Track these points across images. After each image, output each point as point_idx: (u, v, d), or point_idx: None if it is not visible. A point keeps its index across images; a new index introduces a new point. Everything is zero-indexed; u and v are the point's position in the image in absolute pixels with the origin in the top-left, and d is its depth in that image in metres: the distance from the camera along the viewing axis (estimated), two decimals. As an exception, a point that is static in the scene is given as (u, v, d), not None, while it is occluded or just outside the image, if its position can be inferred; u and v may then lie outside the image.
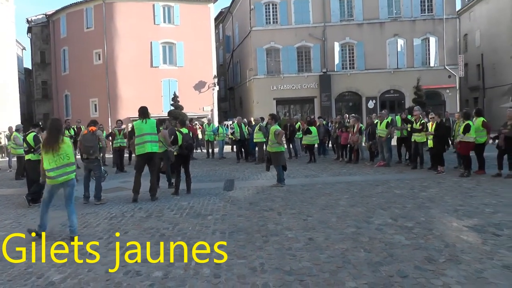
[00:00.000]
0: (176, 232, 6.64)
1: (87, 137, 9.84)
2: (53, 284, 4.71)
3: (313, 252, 5.34)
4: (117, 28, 31.63)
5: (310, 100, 33.76)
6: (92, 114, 31.39)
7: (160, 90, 31.76)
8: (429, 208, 7.63)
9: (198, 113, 31.14)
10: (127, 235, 6.66)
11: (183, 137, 10.20)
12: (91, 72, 32.43)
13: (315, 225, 6.71)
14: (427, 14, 33.17)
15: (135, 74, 31.38)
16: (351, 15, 33.49)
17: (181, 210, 8.36)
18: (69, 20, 34.43)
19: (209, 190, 10.69)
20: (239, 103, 40.55)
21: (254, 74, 33.48)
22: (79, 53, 33.29)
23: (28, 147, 9.96)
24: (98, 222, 7.66)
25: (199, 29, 32.63)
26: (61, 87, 35.65)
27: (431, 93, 31.78)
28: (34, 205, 9.66)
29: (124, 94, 31.39)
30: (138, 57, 31.58)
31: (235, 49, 41.35)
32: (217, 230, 6.69)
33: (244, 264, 5.03)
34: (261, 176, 12.96)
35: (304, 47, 33.58)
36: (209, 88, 32.79)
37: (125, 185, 12.34)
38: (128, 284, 4.61)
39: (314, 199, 8.96)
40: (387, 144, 14.14)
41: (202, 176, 13.63)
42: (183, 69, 32.30)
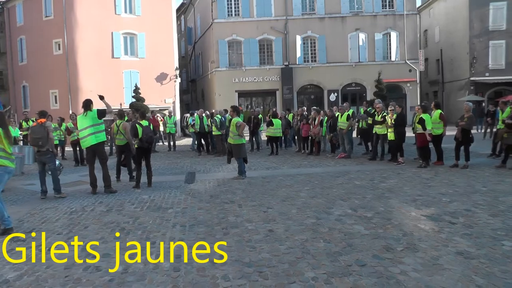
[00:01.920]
0: (136, 226, 6.55)
1: (35, 129, 9.47)
2: (8, 282, 4.55)
3: (273, 244, 5.34)
4: (77, 17, 30.59)
5: (272, 92, 33.84)
6: (53, 106, 30.43)
7: (121, 82, 31.03)
8: (388, 199, 7.78)
9: (160, 105, 30.67)
10: (87, 229, 6.50)
11: (143, 129, 10.02)
12: (51, 63, 31.28)
13: (275, 216, 6.72)
14: (388, 10, 33.70)
15: (96, 65, 30.48)
16: (313, 9, 33.66)
17: (142, 204, 8.25)
18: (26, 8, 33.06)
19: (170, 183, 10.60)
20: (201, 95, 40.23)
21: (216, 66, 33.25)
22: (38, 42, 32.01)
23: None
24: (58, 217, 7.44)
25: (161, 20, 31.99)
26: (18, 77, 34.29)
27: (392, 86, 32.44)
28: None
29: (85, 86, 30.42)
30: (99, 48, 30.69)
31: (197, 41, 40.94)
32: (177, 223, 6.62)
33: (203, 256, 4.98)
34: (222, 169, 12.90)
35: (266, 40, 33.57)
36: (171, 80, 32.34)
37: (85, 178, 11.96)
38: (87, 280, 4.50)
39: (274, 191, 8.98)
40: (348, 136, 14.33)
41: (164, 169, 13.49)
42: (144, 60, 31.66)
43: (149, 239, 5.82)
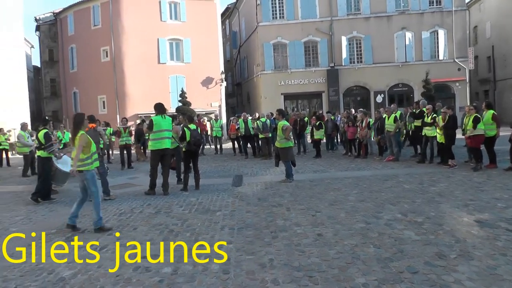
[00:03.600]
0: (185, 228, 6.66)
1: (89, 133, 9.74)
2: (64, 280, 4.75)
3: (322, 248, 5.31)
4: (124, 25, 31.63)
5: (318, 95, 33.59)
6: (101, 111, 31.49)
7: (167, 87, 31.76)
8: (439, 203, 7.56)
9: (206, 109, 31.12)
10: (136, 231, 6.68)
11: (191, 133, 10.18)
12: (99, 69, 32.51)
13: (324, 220, 6.68)
14: (435, 7, 32.72)
15: (142, 71, 31.37)
16: (358, 9, 33.16)
17: (190, 206, 8.37)
18: (77, 18, 34.49)
19: (217, 186, 10.70)
20: (246, 98, 40.48)
21: (261, 69, 33.38)
22: (87, 50, 33.36)
23: (39, 143, 10.00)
24: (108, 218, 7.69)
25: (206, 25, 32.52)
26: (70, 84, 35.79)
27: (440, 86, 31.48)
28: (44, 202, 9.79)
29: (131, 91, 31.43)
30: (145, 54, 31.57)
31: (242, 45, 41.25)
32: (225, 226, 6.68)
33: (253, 260, 5.02)
34: (270, 172, 12.94)
35: (311, 42, 33.37)
36: (217, 84, 32.77)
37: (134, 181, 12.39)
38: (137, 280, 4.63)
39: (322, 194, 8.92)
40: (395, 138, 14.03)
41: (211, 172, 13.66)
42: (190, 65, 32.27)
43: (198, 241, 5.90)
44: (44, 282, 4.72)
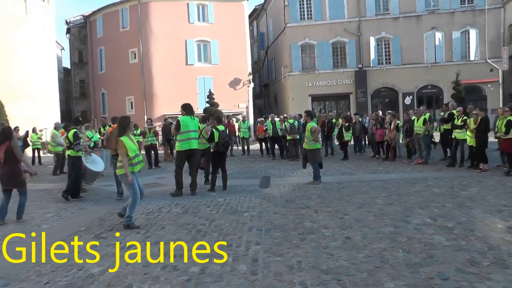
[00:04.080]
0: (212, 228, 6.70)
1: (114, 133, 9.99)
2: (93, 276, 4.87)
3: (350, 251, 5.28)
4: (152, 28, 32.08)
5: (346, 96, 33.34)
6: (128, 112, 31.99)
7: (195, 88, 32.04)
8: (470, 208, 7.40)
9: (234, 110, 31.28)
10: (164, 230, 6.78)
11: (219, 134, 10.24)
12: (127, 71, 33.05)
13: (352, 223, 6.64)
14: (467, 5, 31.94)
15: (170, 72, 31.76)
16: (386, 9, 32.74)
17: (217, 207, 8.42)
18: (106, 21, 35.18)
19: (245, 187, 10.73)
20: (274, 100, 40.48)
21: (289, 70, 33.33)
22: (115, 52, 33.96)
23: (69, 143, 10.23)
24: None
25: (234, 27, 32.71)
26: (98, 85, 36.51)
27: (471, 88, 30.76)
28: (74, 200, 10.03)
29: (159, 92, 31.85)
30: (173, 56, 31.94)
31: (270, 46, 41.27)
32: (253, 227, 6.70)
33: (281, 262, 5.02)
34: (297, 173, 12.91)
35: (339, 43, 33.13)
36: (244, 85, 32.90)
37: (161, 181, 12.51)
38: (165, 279, 4.69)
39: (350, 197, 8.86)
40: (424, 141, 13.80)
41: (238, 173, 13.71)
42: (218, 66, 32.49)
43: (226, 240, 5.96)
44: (74, 278, 4.85)
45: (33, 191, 11.34)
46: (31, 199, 10.11)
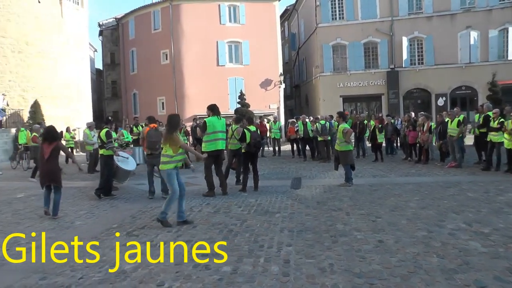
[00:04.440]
0: (244, 229, 6.72)
1: (151, 133, 10.10)
2: (125, 273, 4.96)
3: (383, 255, 5.22)
4: (183, 29, 32.46)
5: (377, 97, 32.92)
6: (160, 112, 32.45)
7: (226, 88, 32.26)
8: (508, 214, 7.17)
9: (264, 110, 31.32)
10: (196, 229, 6.83)
11: (251, 134, 10.28)
12: (159, 72, 33.54)
13: (385, 227, 6.56)
14: (506, 2, 30.73)
15: (201, 73, 32.06)
16: (420, 8, 32.11)
17: (248, 207, 8.45)
18: (137, 23, 35.80)
19: (276, 188, 10.72)
20: (305, 100, 40.34)
21: (320, 71, 33.16)
22: (147, 53, 34.52)
23: (101, 142, 10.42)
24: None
25: (265, 28, 32.77)
26: (130, 86, 37.17)
27: (508, 88, 29.49)
28: (106, 197, 10.23)
29: (190, 93, 32.20)
30: (204, 56, 32.24)
31: (301, 47, 41.16)
32: (285, 228, 6.70)
33: (313, 264, 5.00)
34: (328, 175, 12.86)
35: (371, 43, 32.77)
36: (275, 86, 32.91)
37: (191, 180, 12.51)
38: (197, 277, 4.72)
39: (382, 199, 8.76)
40: (458, 143, 13.50)
41: (269, 174, 13.73)
42: (249, 67, 32.61)
43: (257, 242, 5.96)
44: (107, 274, 4.95)
45: (67, 189, 11.58)
46: (65, 196, 10.33)
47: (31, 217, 8.41)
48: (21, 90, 26.47)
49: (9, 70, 26.14)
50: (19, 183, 13.98)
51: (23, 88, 26.52)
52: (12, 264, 5.54)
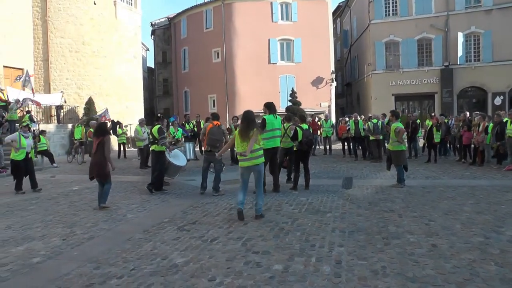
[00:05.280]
0: (295, 227, 6.72)
1: (214, 130, 10.14)
2: (177, 266, 5.08)
3: (437, 260, 5.09)
4: (235, 27, 32.70)
5: (430, 96, 31.85)
6: (210, 109, 32.80)
7: (277, 86, 32.24)
8: None
9: (316, 109, 31.03)
10: (247, 226, 6.90)
11: (303, 132, 10.24)
12: (210, 70, 33.98)
13: (438, 230, 6.40)
14: None
15: (253, 71, 32.21)
16: (478, 1, 30.47)
17: (300, 206, 8.43)
18: (189, 22, 36.39)
19: (327, 187, 10.66)
20: (356, 99, 39.70)
21: (373, 69, 32.52)
22: (199, 52, 35.03)
23: (153, 138, 10.67)
24: (218, 212, 8.04)
25: (317, 25, 32.40)
26: (181, 84, 37.85)
27: None
28: (157, 192, 10.48)
29: (242, 90, 32.43)
30: (256, 54, 32.35)
31: (353, 44, 40.51)
32: (336, 228, 6.66)
33: (365, 266, 4.96)
34: (380, 175, 12.64)
35: (425, 39, 31.69)
36: (327, 84, 32.56)
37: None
38: (248, 274, 4.76)
39: (436, 202, 8.52)
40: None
41: (320, 173, 13.65)
42: (300, 65, 32.44)
43: (309, 241, 5.95)
44: (158, 267, 5.10)
45: (119, 183, 12.12)
46: (117, 190, 10.83)
47: (86, 209, 8.84)
48: (77, 87, 27.83)
49: (67, 69, 27.60)
50: (75, 176, 14.75)
51: (79, 85, 27.87)
52: (68, 253, 5.86)
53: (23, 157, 11.36)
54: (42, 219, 8.02)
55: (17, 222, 7.78)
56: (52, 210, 8.90)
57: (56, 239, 6.52)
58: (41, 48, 27.33)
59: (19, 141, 11.33)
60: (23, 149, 11.38)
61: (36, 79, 26.80)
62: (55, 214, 8.41)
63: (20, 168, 11.32)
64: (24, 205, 9.51)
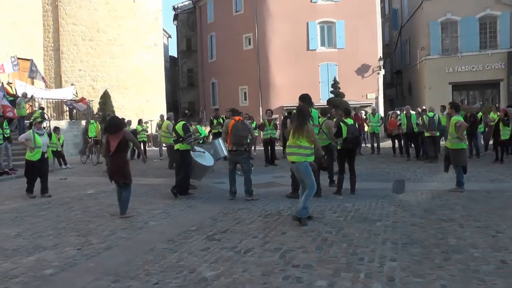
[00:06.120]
0: (340, 238, 6.68)
1: (239, 126, 10.10)
2: (206, 281, 5.10)
3: (507, 279, 4.94)
4: (269, 10, 32.58)
5: (495, 84, 30.94)
6: (242, 103, 32.98)
7: (317, 76, 32.10)
8: None
9: (361, 101, 30.83)
10: (285, 236, 6.89)
11: (348, 128, 10.16)
12: (241, 58, 34.02)
13: (507, 244, 6.23)
14: None
15: (289, 59, 32.04)
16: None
17: (345, 213, 8.39)
18: (217, 5, 36.50)
19: (375, 191, 10.59)
20: (407, 89, 39.04)
21: (426, 53, 31.92)
22: (227, 38, 35.10)
23: (177, 136, 10.80)
24: (252, 219, 8.07)
25: (362, 4, 31.99)
26: (208, 74, 38.05)
27: None
28: (182, 196, 10.54)
29: (277, 81, 32.35)
30: (292, 40, 32.15)
31: (404, 25, 39.82)
32: (387, 239, 6.59)
33: (421, 284, 4.88)
34: (436, 178, 12.46)
35: (489, 17, 30.75)
36: (374, 72, 32.19)
37: (279, 180, 12.64)
38: None
39: (503, 210, 8.31)
40: None
41: (367, 175, 13.57)
42: (343, 51, 32.14)
43: (356, 254, 5.91)
44: (185, 280, 5.14)
45: (139, 186, 12.19)
46: (137, 194, 10.92)
47: (102, 215, 9.03)
48: (91, 79, 28.43)
49: (79, 59, 28.18)
50: (89, 178, 15.07)
51: (93, 77, 28.46)
52: (83, 265, 5.99)
53: (38, 157, 11.58)
54: (54, 226, 8.25)
55: (28, 230, 8.02)
56: (65, 216, 9.14)
57: (70, 249, 6.67)
58: (52, 37, 27.97)
59: (33, 139, 11.54)
60: (39, 148, 11.58)
61: (46, 71, 27.50)
62: (68, 221, 8.63)
63: (35, 169, 11.59)
64: (34, 211, 9.80)
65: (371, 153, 20.11)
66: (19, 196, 11.76)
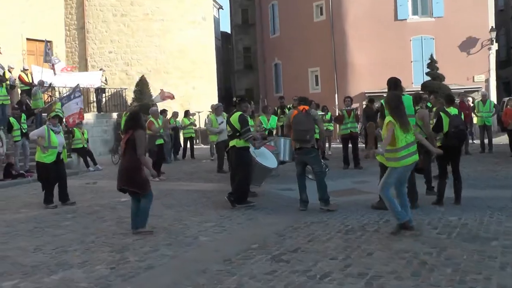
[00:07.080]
0: (443, 261, 6.47)
1: (301, 118, 10.05)
2: None
3: None
4: (347, -30, 32.41)
5: None
6: (312, 89, 33.10)
7: (408, 54, 31.75)
8: None
9: (466, 85, 30.11)
10: (372, 257, 6.76)
11: (450, 120, 9.92)
12: (310, 33, 33.89)
13: None
14: None
15: (371, 33, 31.71)
16: None
17: (448, 229, 8.16)
18: (280, -33, 36.56)
19: (488, 201, 10.25)
20: (529, 68, 37.80)
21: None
22: (294, 8, 35.05)
23: (232, 130, 10.76)
24: (329, 236, 7.96)
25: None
26: (269, 54, 38.19)
27: None
28: (240, 206, 10.49)
29: (356, 61, 32.06)
30: (376, 9, 31.81)
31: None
32: (508, 264, 6.28)
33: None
34: None
35: None
36: (483, 48, 31.38)
37: (362, 186, 12.61)
38: None
39: None
40: None
41: (475, 179, 13.23)
42: (442, 20, 31.50)
43: (465, 282, 5.67)
44: None
45: (186, 192, 12.43)
46: (184, 202, 11.13)
47: None
48: (124, 64, 28.89)
49: (110, 39, 28.71)
50: None
51: (126, 61, 28.89)
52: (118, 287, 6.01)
53: (53, 159, 11.71)
54: (81, 239, 8.40)
55: (49, 243, 8.20)
56: (94, 228, 9.32)
57: (101, 267, 6.75)
58: (75, 13, 28.70)
59: (47, 137, 11.66)
60: (54, 148, 11.73)
61: (69, 54, 28.15)
62: (99, 234, 8.78)
63: (50, 173, 11.69)
64: (56, 221, 10.05)
65: (481, 151, 19.61)
66: (38, 202, 12.07)
